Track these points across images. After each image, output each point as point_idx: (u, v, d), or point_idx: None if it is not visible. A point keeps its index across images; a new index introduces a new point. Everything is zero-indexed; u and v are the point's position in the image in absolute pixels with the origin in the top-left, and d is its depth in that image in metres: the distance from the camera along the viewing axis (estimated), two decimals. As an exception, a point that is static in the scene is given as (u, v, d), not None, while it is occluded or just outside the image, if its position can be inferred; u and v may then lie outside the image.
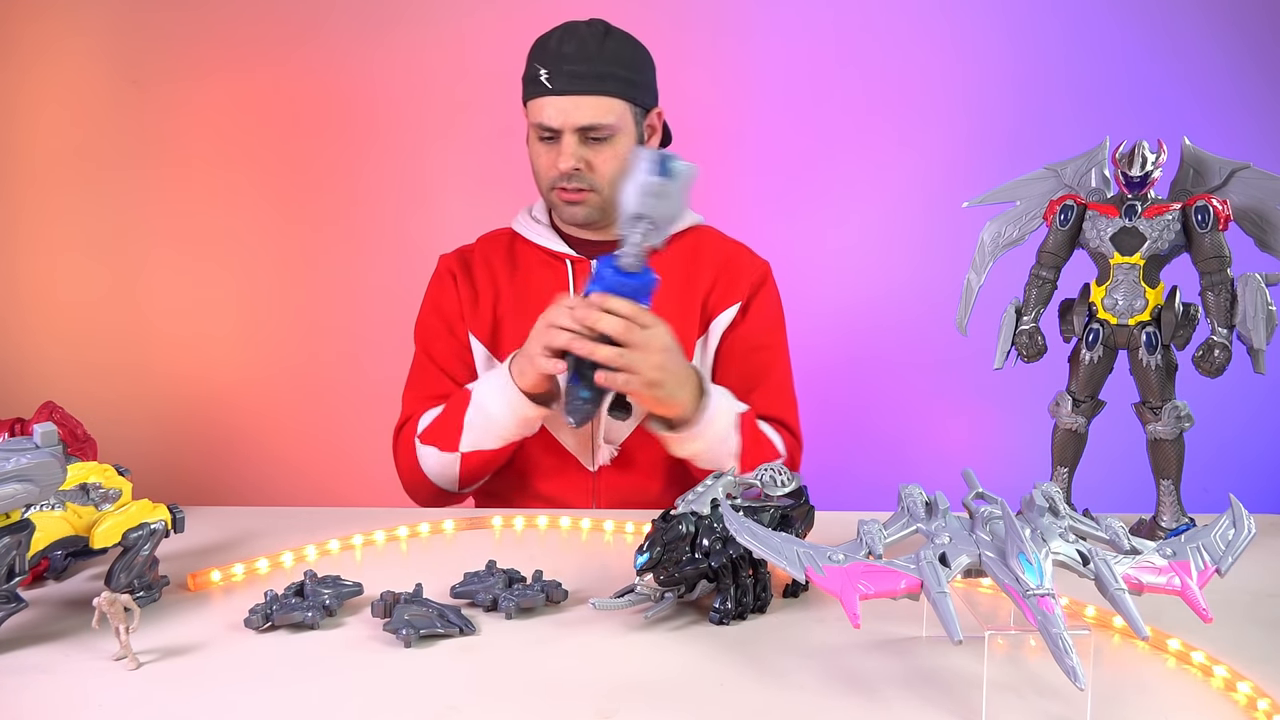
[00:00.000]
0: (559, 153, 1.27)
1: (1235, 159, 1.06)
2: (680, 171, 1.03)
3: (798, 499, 0.94)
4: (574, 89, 1.24)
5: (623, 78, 1.28)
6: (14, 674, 0.75)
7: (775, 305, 1.41)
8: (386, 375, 1.46)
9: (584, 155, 1.27)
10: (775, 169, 2.07)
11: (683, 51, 2.00)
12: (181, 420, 2.13)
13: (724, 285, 1.36)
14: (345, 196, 2.10)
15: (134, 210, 2.09)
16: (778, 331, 1.41)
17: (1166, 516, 1.08)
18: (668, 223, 1.06)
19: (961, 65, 2.02)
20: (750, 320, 1.37)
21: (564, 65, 1.24)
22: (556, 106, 1.25)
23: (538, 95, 1.26)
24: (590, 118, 1.25)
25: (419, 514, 1.16)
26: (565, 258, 1.36)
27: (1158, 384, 1.06)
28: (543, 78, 1.25)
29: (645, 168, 1.02)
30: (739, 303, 1.36)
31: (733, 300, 1.36)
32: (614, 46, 1.27)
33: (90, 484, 0.86)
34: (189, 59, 2.05)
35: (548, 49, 1.26)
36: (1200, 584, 0.69)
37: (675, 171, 1.03)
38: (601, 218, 1.33)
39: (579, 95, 1.24)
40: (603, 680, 0.73)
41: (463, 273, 1.39)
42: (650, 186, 1.01)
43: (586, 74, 1.24)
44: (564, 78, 1.24)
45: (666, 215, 1.05)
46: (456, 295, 1.38)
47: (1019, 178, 1.15)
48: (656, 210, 1.03)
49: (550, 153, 1.28)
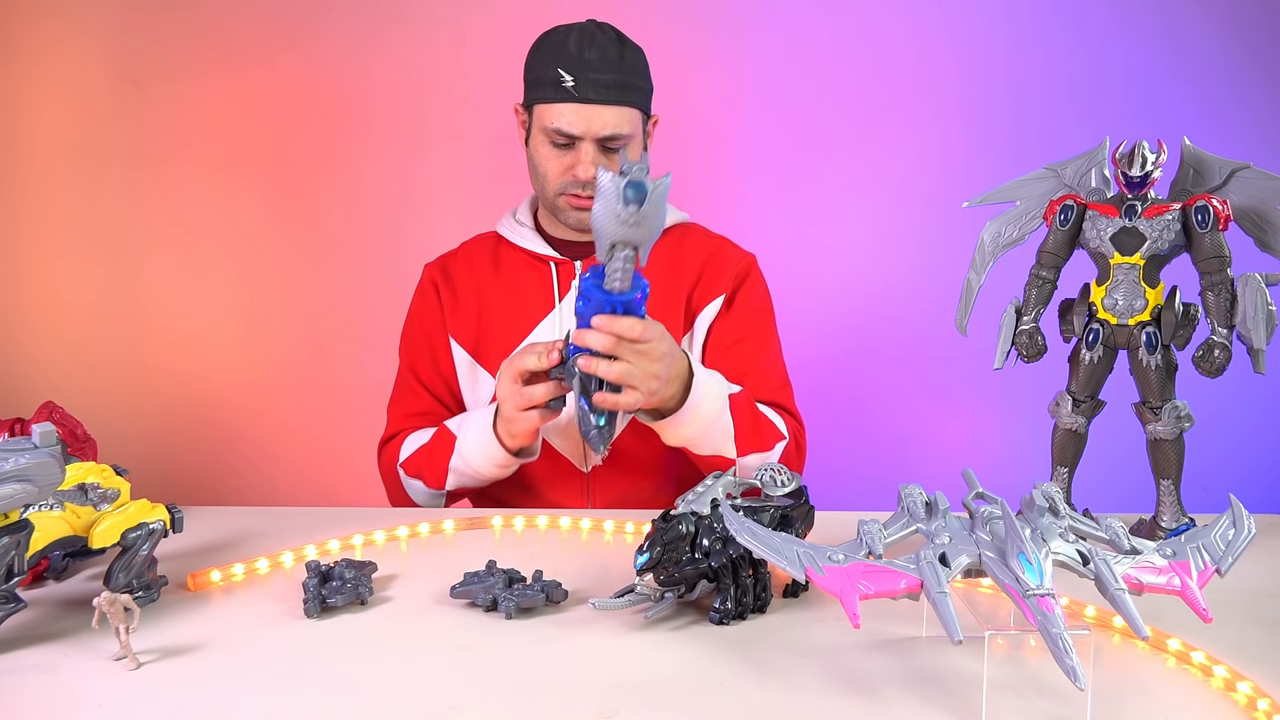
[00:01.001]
0: (576, 159, 1.27)
1: (1235, 159, 1.06)
2: (653, 191, 0.92)
3: (798, 499, 0.94)
4: (600, 99, 1.24)
5: (640, 88, 1.29)
6: (14, 674, 0.75)
7: (761, 295, 1.41)
8: (387, 375, 1.46)
9: (601, 163, 1.27)
10: (775, 168, 2.07)
11: (682, 51, 2.00)
12: (181, 420, 2.13)
13: (707, 280, 1.37)
14: (345, 196, 2.10)
15: (134, 210, 2.09)
16: (765, 320, 1.40)
17: (1166, 516, 1.08)
18: (648, 242, 0.97)
19: (962, 65, 2.02)
20: (735, 312, 1.37)
21: (589, 73, 1.23)
22: (580, 114, 1.24)
23: (559, 100, 1.25)
24: (613, 127, 1.25)
25: (419, 514, 1.16)
26: (549, 260, 1.36)
27: (1158, 384, 1.06)
28: (568, 84, 1.23)
29: (615, 195, 0.91)
30: (722, 295, 1.36)
31: (716, 294, 1.36)
32: (631, 56, 1.28)
33: (89, 484, 0.86)
34: (189, 59, 2.05)
35: (567, 53, 1.24)
36: (1200, 584, 0.69)
37: (648, 194, 0.92)
38: None
39: (604, 105, 1.24)
40: (602, 680, 0.73)
41: (444, 281, 1.40)
42: (626, 216, 0.92)
43: (612, 84, 1.24)
44: (590, 86, 1.23)
45: (645, 237, 0.95)
46: (439, 306, 1.39)
47: (1019, 178, 1.15)
48: (634, 235, 0.94)
49: (564, 158, 1.28)
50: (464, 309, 1.37)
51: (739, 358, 1.34)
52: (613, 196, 0.91)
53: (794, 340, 1.44)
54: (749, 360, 1.35)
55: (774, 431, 1.27)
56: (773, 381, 1.36)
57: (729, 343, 1.35)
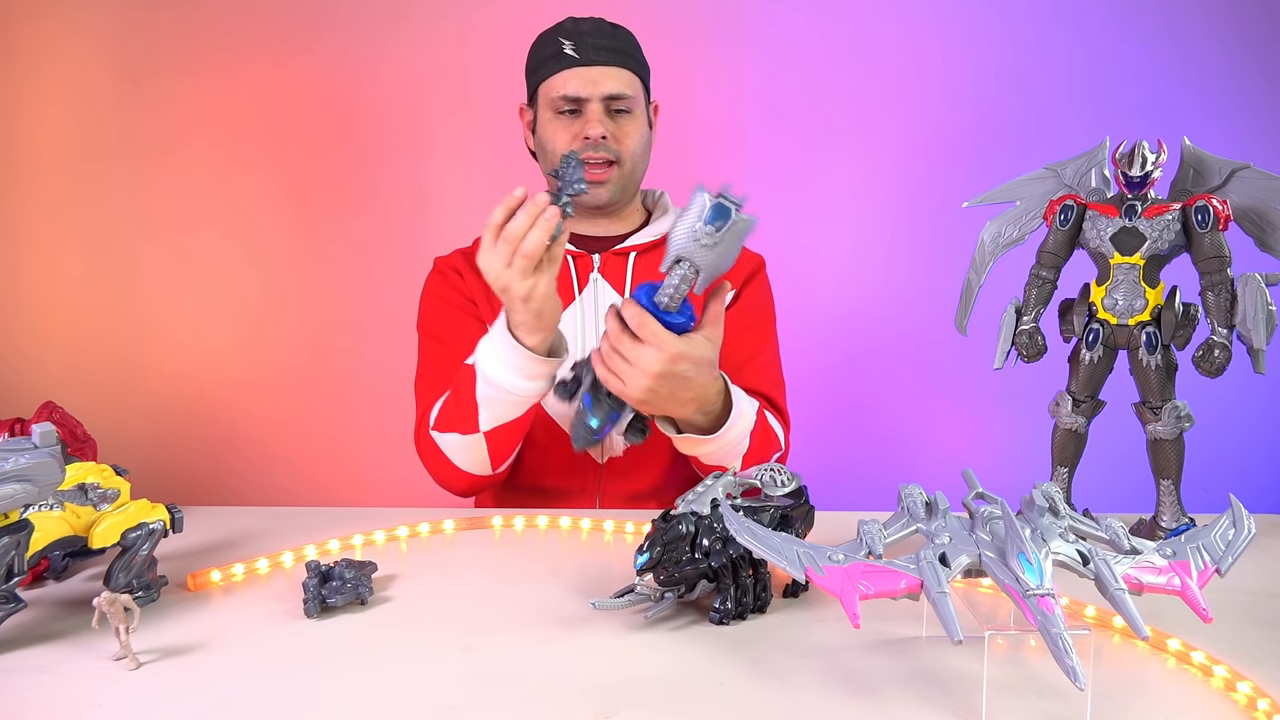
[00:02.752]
0: (584, 123, 1.28)
1: (1235, 159, 1.06)
2: (739, 224, 0.91)
3: (798, 499, 0.94)
4: (602, 60, 1.28)
5: (637, 59, 1.33)
6: (14, 674, 0.75)
7: (766, 295, 1.44)
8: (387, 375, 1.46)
9: (609, 126, 1.29)
10: (775, 169, 2.07)
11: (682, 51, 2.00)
12: (181, 420, 2.13)
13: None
14: (346, 196, 2.10)
15: (134, 210, 2.09)
16: (768, 319, 1.43)
17: (1166, 516, 1.08)
18: (713, 273, 0.94)
19: (962, 65, 2.02)
20: (740, 305, 1.38)
21: (588, 39, 1.28)
22: (584, 77, 1.27)
23: (561, 69, 1.28)
24: (616, 87, 1.28)
25: (419, 514, 1.16)
26: (566, 254, 1.36)
27: (1158, 384, 1.06)
28: (567, 49, 1.27)
29: (700, 210, 0.91)
30: (733, 290, 1.38)
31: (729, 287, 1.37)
32: (624, 33, 1.33)
33: (88, 484, 0.86)
34: (189, 58, 2.05)
35: (564, 28, 1.30)
36: (1200, 584, 0.69)
37: (733, 223, 0.91)
38: (621, 197, 1.35)
39: (605, 66, 1.28)
40: (602, 680, 0.73)
41: (467, 268, 1.38)
42: (700, 233, 0.91)
43: (610, 48, 1.29)
44: (590, 49, 1.28)
45: (712, 265, 0.93)
46: (464, 286, 1.37)
47: (1019, 178, 1.15)
48: (702, 258, 0.92)
49: (572, 126, 1.29)
50: (489, 297, 1.34)
51: (741, 346, 1.35)
52: (696, 210, 0.91)
53: (795, 340, 1.44)
54: (749, 351, 1.36)
55: (775, 444, 1.28)
56: (769, 377, 1.38)
57: (731, 332, 1.35)
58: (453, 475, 1.25)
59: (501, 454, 1.22)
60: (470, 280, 1.37)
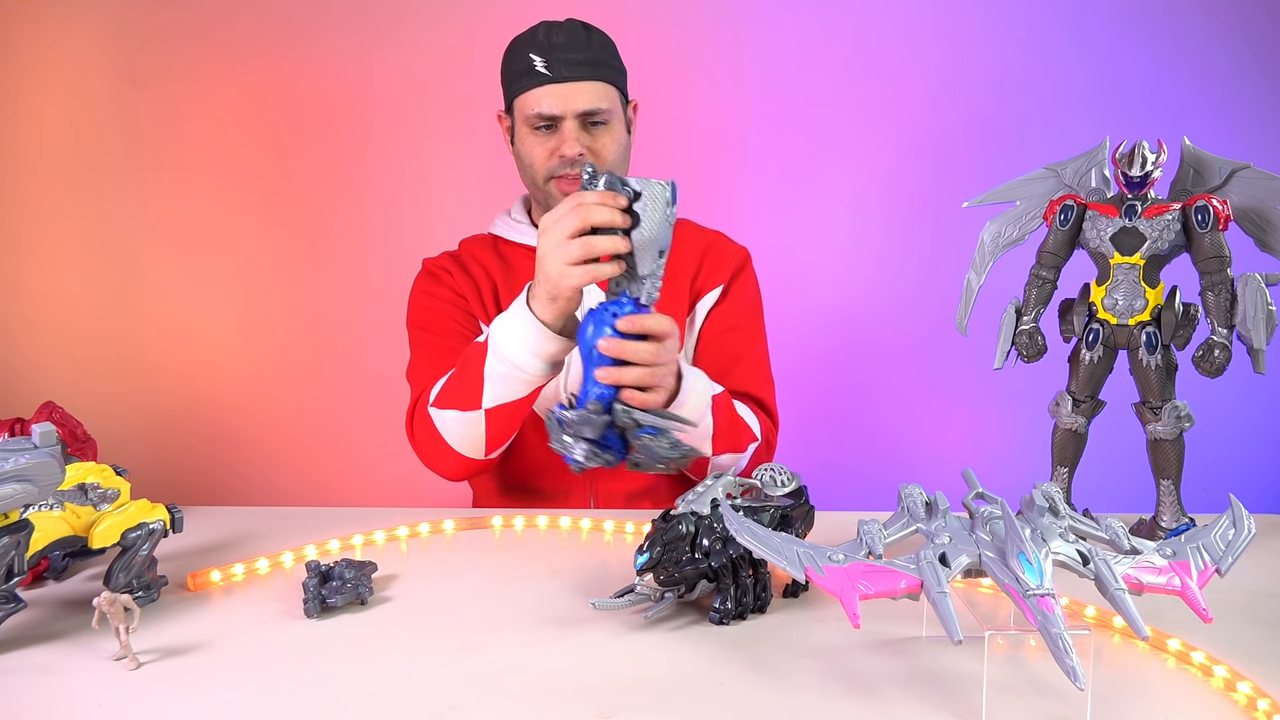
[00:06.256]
0: (560, 140, 1.27)
1: (1236, 159, 1.06)
2: (668, 191, 0.94)
3: (798, 499, 0.94)
4: (573, 75, 1.26)
5: (613, 66, 1.31)
6: (14, 674, 0.75)
7: (754, 289, 1.43)
8: (386, 374, 1.46)
9: (585, 141, 1.28)
10: (773, 169, 2.07)
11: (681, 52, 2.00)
12: (181, 420, 2.13)
13: (709, 268, 1.39)
14: (344, 196, 2.10)
15: (133, 210, 2.09)
16: (755, 315, 1.43)
17: (1166, 516, 1.08)
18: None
19: (962, 64, 2.02)
20: (729, 302, 1.38)
21: (559, 54, 1.26)
22: (556, 94, 1.26)
23: (534, 85, 1.26)
24: (590, 102, 1.26)
25: (419, 514, 1.16)
26: None
27: (1158, 384, 1.06)
28: (539, 66, 1.26)
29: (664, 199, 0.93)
30: (721, 285, 1.38)
31: (717, 282, 1.38)
32: (599, 38, 1.30)
33: (88, 484, 0.86)
34: (188, 59, 2.05)
35: (536, 41, 1.27)
36: (1200, 584, 0.69)
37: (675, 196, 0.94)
38: None
39: (578, 82, 1.26)
40: (602, 680, 0.73)
41: (457, 269, 1.39)
42: (670, 216, 0.94)
43: (583, 61, 1.26)
44: (562, 65, 1.25)
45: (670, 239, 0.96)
46: (454, 283, 1.38)
47: (1019, 178, 1.15)
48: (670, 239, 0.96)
49: (548, 142, 1.29)
50: (484, 296, 1.36)
51: (731, 344, 1.35)
52: (661, 201, 0.93)
53: (795, 340, 1.45)
54: (739, 350, 1.36)
55: (748, 433, 1.27)
56: (758, 375, 1.38)
57: (721, 329, 1.37)
58: (444, 455, 1.22)
59: (497, 438, 1.19)
60: (460, 279, 1.38)
